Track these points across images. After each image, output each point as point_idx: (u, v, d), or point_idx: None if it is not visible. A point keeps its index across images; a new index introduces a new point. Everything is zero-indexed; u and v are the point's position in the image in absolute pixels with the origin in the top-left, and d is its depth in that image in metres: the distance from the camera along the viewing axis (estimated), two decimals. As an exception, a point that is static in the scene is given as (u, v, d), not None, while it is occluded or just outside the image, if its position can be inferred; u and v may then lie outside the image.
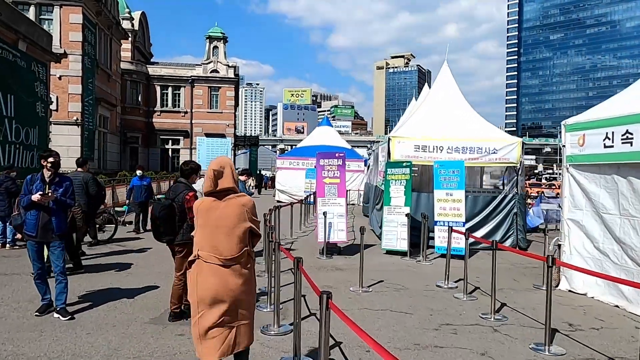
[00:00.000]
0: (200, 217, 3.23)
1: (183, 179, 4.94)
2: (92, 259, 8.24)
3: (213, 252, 3.12)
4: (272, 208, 8.85)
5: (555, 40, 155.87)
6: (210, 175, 3.19)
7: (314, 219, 14.49)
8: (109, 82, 29.98)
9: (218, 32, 44.14)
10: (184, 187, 4.89)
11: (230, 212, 3.18)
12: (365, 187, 17.39)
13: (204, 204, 3.25)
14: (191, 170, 4.96)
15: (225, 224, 3.16)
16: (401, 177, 8.85)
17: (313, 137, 24.03)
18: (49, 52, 16.98)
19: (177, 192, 4.82)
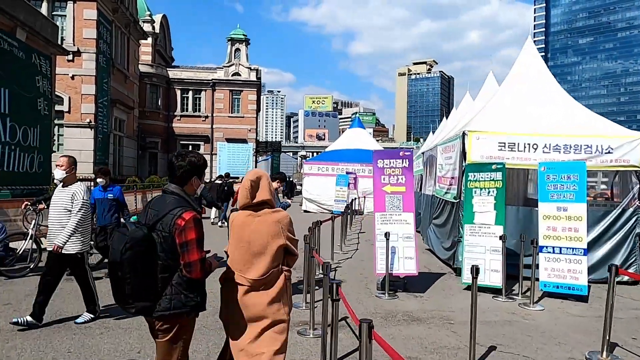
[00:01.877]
0: (235, 232, 3.03)
1: (175, 185, 2.75)
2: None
3: (241, 271, 2.94)
4: (312, 226, 6.65)
5: (584, 45, 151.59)
6: (247, 186, 3.02)
7: (355, 236, 12.35)
8: (125, 83, 28.37)
9: (240, 34, 42.55)
10: (175, 203, 2.65)
11: (264, 228, 2.97)
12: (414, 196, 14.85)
13: (238, 218, 3.06)
14: (190, 169, 2.75)
15: (257, 241, 2.95)
16: (489, 184, 6.53)
17: (343, 140, 21.81)
18: (54, 43, 15.20)
19: (162, 213, 2.62)
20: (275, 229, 2.96)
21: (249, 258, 2.93)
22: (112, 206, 7.42)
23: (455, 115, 14.00)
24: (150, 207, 2.73)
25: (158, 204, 2.71)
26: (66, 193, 5.01)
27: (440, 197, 9.25)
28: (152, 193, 17.06)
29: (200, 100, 40.88)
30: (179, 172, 2.73)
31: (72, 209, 4.92)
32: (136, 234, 2.50)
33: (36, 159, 13.76)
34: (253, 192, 3.00)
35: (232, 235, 3.03)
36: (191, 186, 2.77)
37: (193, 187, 2.78)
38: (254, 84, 41.95)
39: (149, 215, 2.68)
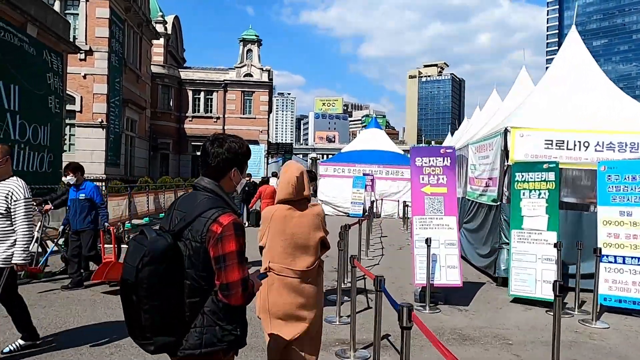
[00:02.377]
0: (276, 225, 2.98)
1: (209, 180, 2.11)
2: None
3: (287, 264, 2.93)
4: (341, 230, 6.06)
5: (598, 47, 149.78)
6: (293, 182, 2.99)
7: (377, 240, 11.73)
8: (137, 83, 28.04)
9: (252, 35, 42.23)
10: (208, 203, 2.02)
11: (307, 221, 3.01)
12: None
13: (279, 211, 3.01)
14: (229, 159, 2.12)
15: (301, 233, 2.98)
16: (540, 185, 5.89)
17: (359, 140, 21.18)
18: (66, 40, 14.81)
19: (192, 216, 2.00)
20: (316, 222, 3.03)
21: (292, 251, 2.94)
22: (85, 207, 6.28)
23: (481, 115, 13.34)
24: (176, 207, 2.08)
25: (186, 204, 2.06)
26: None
27: (473, 200, 8.61)
28: (165, 194, 16.60)
29: (212, 101, 40.60)
30: (213, 162, 2.08)
31: (11, 212, 3.81)
32: (157, 245, 1.86)
33: (46, 158, 13.33)
34: (299, 188, 2.99)
35: (273, 228, 2.98)
36: (229, 181, 2.12)
37: (232, 182, 2.12)
38: (266, 85, 41.57)
39: (175, 218, 2.03)
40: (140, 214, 13.25)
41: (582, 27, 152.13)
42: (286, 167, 3.15)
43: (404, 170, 19.02)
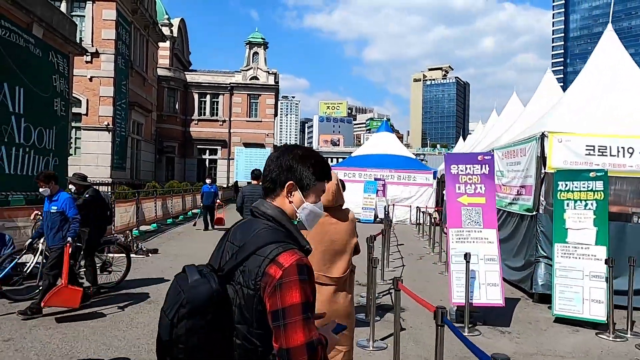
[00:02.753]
0: (315, 232, 2.64)
1: (270, 203, 1.58)
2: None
3: (324, 271, 2.92)
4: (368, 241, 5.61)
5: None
6: (334, 189, 2.96)
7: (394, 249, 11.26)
8: (144, 86, 27.73)
9: (258, 38, 41.94)
10: (267, 236, 1.47)
11: (344, 227, 3.03)
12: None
13: None
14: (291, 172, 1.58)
15: (339, 240, 3.00)
16: (587, 195, 5.42)
17: (370, 144, 20.76)
18: (72, 42, 14.46)
19: (246, 252, 1.45)
20: (352, 227, 3.07)
21: (330, 257, 2.96)
22: (57, 222, 5.42)
23: (500, 119, 12.88)
24: (229, 238, 1.59)
25: (241, 234, 1.55)
26: None
27: (499, 208, 8.14)
28: (172, 199, 16.21)
29: (218, 104, 40.32)
30: (272, 175, 1.58)
31: None
32: (197, 292, 1.40)
33: (51, 162, 12.95)
34: (338, 196, 3.02)
35: (311, 235, 2.79)
36: (289, 203, 1.57)
37: (291, 205, 1.57)
38: (272, 88, 41.26)
39: (226, 252, 1.55)
40: (148, 220, 12.85)
41: (589, 30, 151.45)
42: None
43: (416, 174, 18.57)
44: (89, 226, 6.08)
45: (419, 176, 18.54)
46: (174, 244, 11.31)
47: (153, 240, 11.64)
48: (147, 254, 9.18)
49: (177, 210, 16.67)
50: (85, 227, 6.12)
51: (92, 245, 6.12)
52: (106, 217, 6.34)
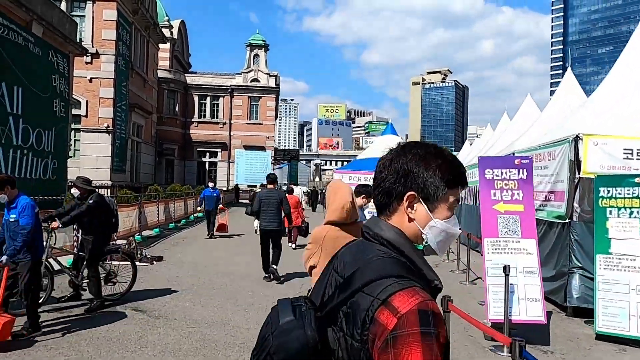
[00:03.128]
0: (328, 246, 2.88)
1: (386, 223, 1.16)
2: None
3: None
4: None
5: (603, 54, 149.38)
6: (348, 207, 2.95)
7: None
8: (144, 88, 27.33)
9: (259, 40, 41.63)
10: (382, 267, 1.03)
11: None
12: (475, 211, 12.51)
13: (331, 232, 2.97)
14: (409, 179, 1.13)
15: None
16: (632, 203, 5.02)
17: (375, 147, 20.30)
18: (72, 41, 14.06)
19: (352, 287, 1.03)
20: None
21: None
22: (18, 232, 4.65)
23: (514, 122, 12.50)
24: (335, 266, 1.19)
25: (348, 262, 1.15)
26: None
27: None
28: (175, 203, 15.78)
29: (218, 106, 39.94)
30: (384, 185, 1.17)
31: None
32: (289, 340, 1.03)
33: (50, 164, 12.55)
34: (352, 212, 2.96)
35: (325, 250, 2.93)
36: (410, 221, 1.15)
37: (414, 223, 1.14)
38: (273, 90, 40.91)
39: (329, 284, 1.17)
40: (150, 225, 12.43)
41: (587, 34, 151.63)
42: (336, 189, 3.05)
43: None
44: (93, 234, 5.67)
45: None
46: (178, 250, 10.94)
47: (156, 246, 11.25)
48: (151, 262, 8.77)
49: (180, 214, 16.25)
50: (89, 234, 5.71)
51: (96, 255, 5.70)
52: (111, 224, 5.92)
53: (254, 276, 8.06)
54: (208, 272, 8.40)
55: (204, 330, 4.98)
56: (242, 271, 8.62)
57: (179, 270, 8.40)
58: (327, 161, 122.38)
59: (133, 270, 6.27)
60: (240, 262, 9.50)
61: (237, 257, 10.20)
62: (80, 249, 5.90)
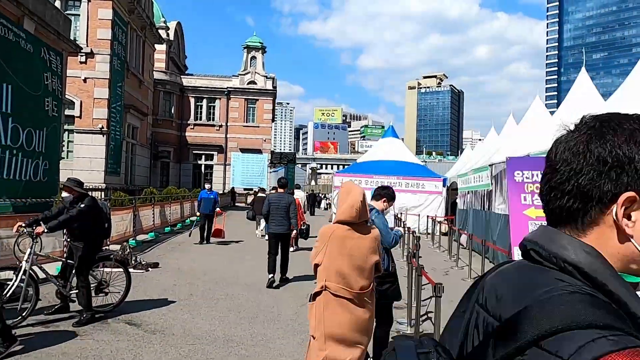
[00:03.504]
0: (334, 245, 2.99)
1: (572, 238, 0.73)
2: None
3: (343, 284, 2.93)
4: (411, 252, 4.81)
5: (597, 60, 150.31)
6: (358, 207, 2.99)
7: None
8: (140, 89, 26.86)
9: (256, 42, 41.28)
10: (575, 309, 0.62)
11: (365, 244, 3.02)
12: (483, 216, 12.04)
13: (338, 231, 3.04)
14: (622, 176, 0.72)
15: (359, 255, 2.99)
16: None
17: (376, 150, 19.99)
18: (66, 38, 13.61)
19: (522, 339, 0.61)
20: (373, 245, 3.04)
21: (349, 271, 2.93)
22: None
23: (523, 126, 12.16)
24: (480, 300, 0.76)
25: (504, 294, 0.72)
26: None
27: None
28: (171, 206, 15.29)
29: (215, 108, 39.52)
30: (576, 182, 0.72)
31: None
32: None
33: (41, 165, 12.06)
34: (362, 212, 3.00)
35: (331, 248, 2.99)
36: (622, 242, 0.70)
37: (630, 243, 0.70)
38: (270, 93, 40.52)
39: (473, 326, 0.75)
40: (145, 229, 11.95)
41: (582, 40, 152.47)
42: (348, 189, 3.09)
43: (424, 182, 17.81)
44: (83, 240, 5.21)
45: (427, 184, 17.78)
46: (174, 256, 10.41)
47: (152, 251, 10.74)
48: (146, 269, 8.24)
49: (176, 218, 15.77)
50: (79, 241, 5.25)
51: (86, 262, 5.23)
52: (104, 229, 5.46)
53: (258, 285, 7.61)
54: (207, 280, 7.93)
55: (206, 348, 4.52)
56: (244, 279, 8.15)
57: (176, 278, 7.90)
58: (323, 165, 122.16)
59: (127, 278, 5.79)
60: (241, 270, 9.02)
61: (237, 264, 9.73)
62: (69, 257, 5.42)
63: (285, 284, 7.70)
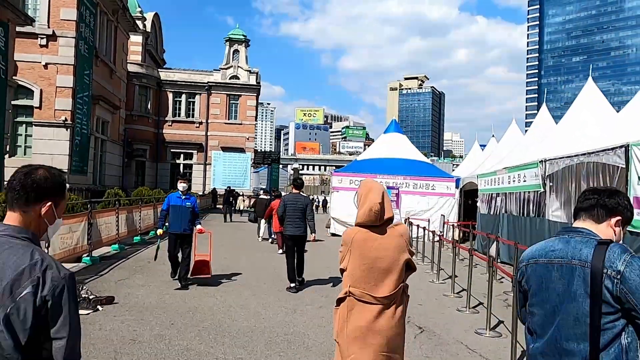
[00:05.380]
0: (356, 249, 2.85)
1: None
2: None
3: (368, 289, 2.80)
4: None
5: (577, 63, 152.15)
6: (376, 209, 2.82)
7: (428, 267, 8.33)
8: (111, 79, 24.23)
9: (239, 35, 38.93)
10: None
11: (390, 243, 2.85)
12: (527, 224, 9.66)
13: (360, 234, 2.88)
14: None
15: (384, 257, 2.82)
16: None
17: (378, 146, 17.84)
18: (11, 5, 11.11)
19: None
20: (401, 243, 2.86)
21: (375, 275, 2.81)
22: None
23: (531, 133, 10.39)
24: None
25: None
26: None
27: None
28: (141, 211, 12.85)
29: (194, 104, 37.02)
30: None
31: None
32: None
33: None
34: (381, 214, 2.85)
35: (354, 252, 2.86)
36: None
37: None
38: (254, 88, 38.18)
39: None
40: (106, 241, 9.52)
41: (562, 43, 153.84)
42: (367, 190, 2.90)
43: (435, 183, 15.78)
44: None
45: (438, 185, 15.73)
46: (139, 282, 7.60)
47: (110, 273, 8.02)
48: (95, 307, 5.68)
49: (148, 224, 13.31)
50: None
51: None
52: None
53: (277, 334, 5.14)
54: (190, 328, 5.25)
55: None
56: (253, 326, 5.43)
57: (138, 325, 5.24)
58: (304, 165, 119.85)
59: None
60: (248, 307, 6.26)
61: (239, 296, 6.89)
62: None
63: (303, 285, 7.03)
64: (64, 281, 1.44)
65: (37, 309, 1.37)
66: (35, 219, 1.50)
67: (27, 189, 1.48)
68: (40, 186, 1.50)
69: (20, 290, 1.37)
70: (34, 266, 1.40)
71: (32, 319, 1.36)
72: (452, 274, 7.76)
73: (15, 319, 1.35)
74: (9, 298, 1.36)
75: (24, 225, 1.49)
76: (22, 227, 1.48)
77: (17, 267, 1.39)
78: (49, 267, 1.42)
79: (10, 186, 1.50)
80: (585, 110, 9.06)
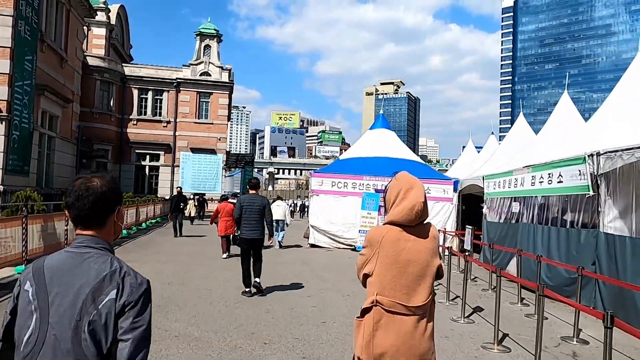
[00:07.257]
0: (387, 250, 2.43)
1: None
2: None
3: (400, 298, 2.40)
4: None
5: (549, 70, 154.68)
6: (419, 209, 2.41)
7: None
8: (62, 68, 21.47)
9: (211, 29, 36.48)
10: None
11: (424, 246, 2.46)
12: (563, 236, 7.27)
13: (392, 233, 2.46)
14: None
15: (418, 260, 2.43)
16: None
17: (364, 144, 15.67)
18: None
19: None
20: (434, 247, 2.51)
21: (407, 282, 2.41)
22: None
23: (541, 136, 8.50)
24: None
25: None
26: None
27: None
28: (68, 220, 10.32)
29: (162, 102, 34.46)
30: None
31: None
32: None
33: None
34: (423, 214, 2.44)
35: (383, 254, 2.45)
36: None
37: None
38: (226, 86, 35.74)
39: None
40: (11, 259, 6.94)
41: (534, 50, 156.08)
42: (408, 186, 2.44)
43: (430, 186, 13.73)
44: None
45: (434, 188, 13.68)
46: None
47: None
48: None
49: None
50: None
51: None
52: None
53: None
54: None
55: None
56: None
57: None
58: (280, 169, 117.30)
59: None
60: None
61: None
62: None
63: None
64: (142, 287, 1.50)
65: (117, 315, 1.42)
66: (110, 226, 1.57)
67: (98, 208, 1.53)
68: (109, 198, 1.55)
69: (102, 298, 1.42)
70: (113, 273, 1.47)
71: (112, 326, 1.41)
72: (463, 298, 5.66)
73: (98, 325, 1.40)
74: (92, 305, 1.41)
75: (100, 235, 1.55)
76: (99, 237, 1.54)
77: (99, 274, 1.46)
78: (127, 274, 1.49)
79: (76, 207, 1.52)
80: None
